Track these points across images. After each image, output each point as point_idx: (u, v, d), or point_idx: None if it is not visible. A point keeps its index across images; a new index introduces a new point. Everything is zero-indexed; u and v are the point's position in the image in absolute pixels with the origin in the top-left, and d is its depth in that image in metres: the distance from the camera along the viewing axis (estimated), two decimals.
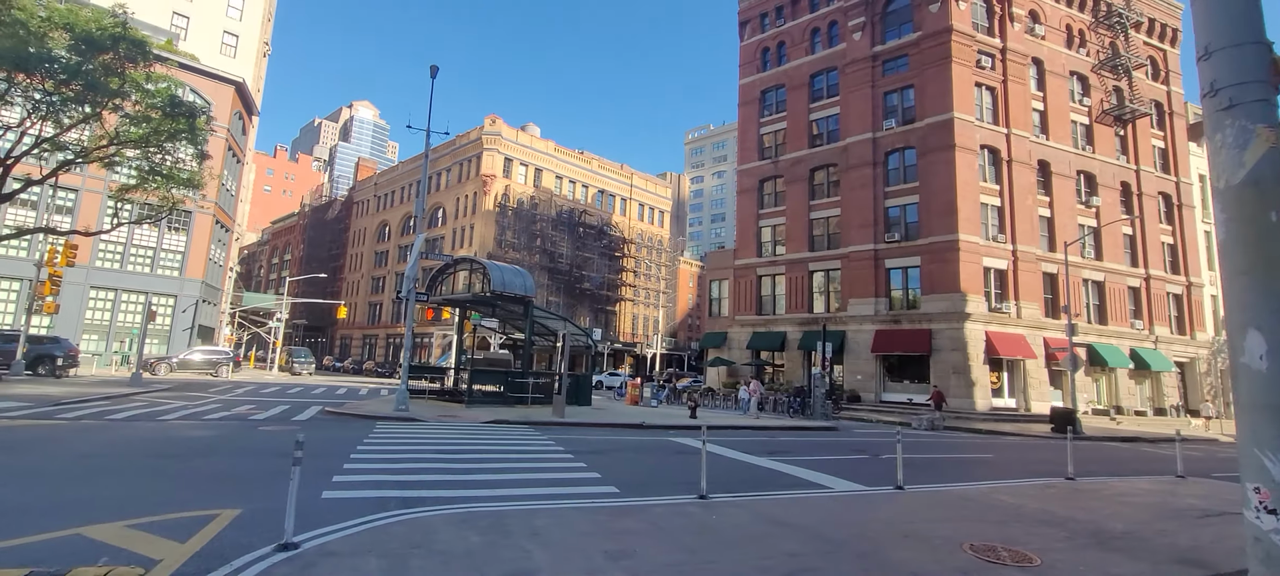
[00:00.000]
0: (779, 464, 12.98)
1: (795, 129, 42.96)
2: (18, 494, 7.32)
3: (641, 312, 76.25)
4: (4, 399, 16.57)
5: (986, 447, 19.72)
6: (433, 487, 8.76)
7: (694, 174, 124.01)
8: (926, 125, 36.22)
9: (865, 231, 37.62)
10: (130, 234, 40.18)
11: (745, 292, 43.32)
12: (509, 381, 24.20)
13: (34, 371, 24.95)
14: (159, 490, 7.88)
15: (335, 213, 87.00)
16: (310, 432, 13.93)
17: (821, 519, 8.14)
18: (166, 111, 20.41)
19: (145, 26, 41.91)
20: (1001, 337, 33.44)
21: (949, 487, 11.13)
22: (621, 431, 18.06)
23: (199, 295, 42.84)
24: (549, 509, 7.83)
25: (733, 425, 21.12)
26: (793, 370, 39.41)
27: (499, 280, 21.55)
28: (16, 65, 17.00)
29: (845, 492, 10.27)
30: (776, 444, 16.90)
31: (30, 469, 8.71)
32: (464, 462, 10.93)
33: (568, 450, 13.11)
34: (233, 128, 45.82)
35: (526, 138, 67.70)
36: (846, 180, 39.26)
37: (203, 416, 15.89)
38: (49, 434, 11.80)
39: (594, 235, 69.76)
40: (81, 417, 14.41)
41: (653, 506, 8.28)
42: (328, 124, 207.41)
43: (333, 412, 18.32)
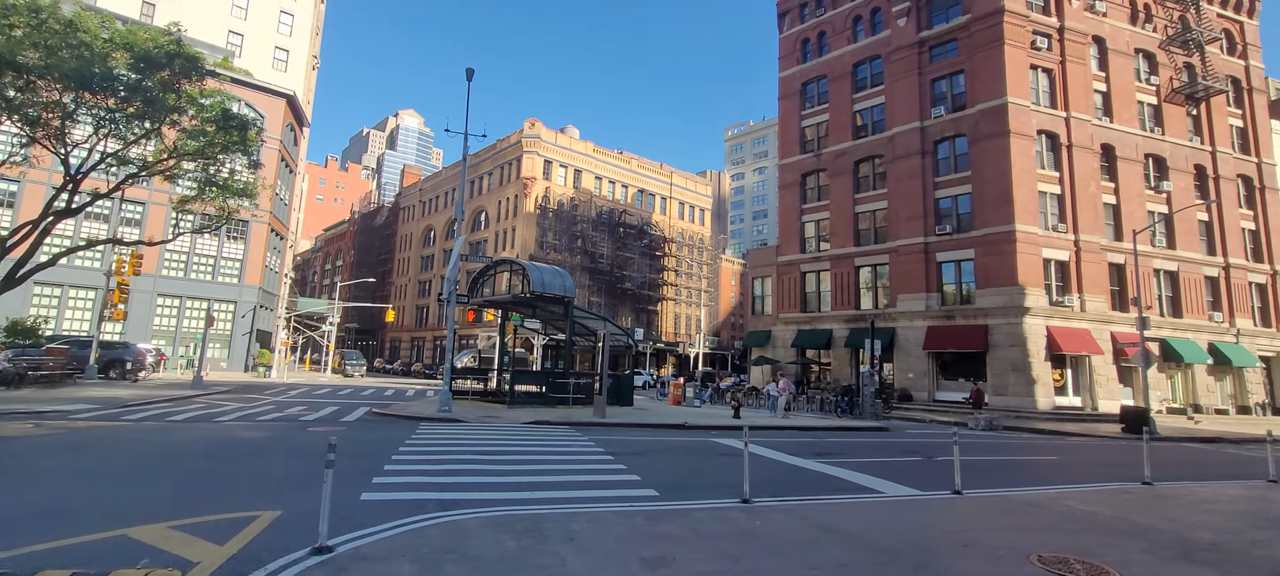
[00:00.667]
0: (826, 466, 12.47)
1: (838, 121, 41.81)
2: (75, 493, 7.54)
3: (683, 312, 75.76)
4: (77, 401, 17.46)
5: (1051, 449, 18.61)
6: (471, 489, 8.67)
7: (734, 171, 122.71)
8: (978, 111, 34.67)
9: (914, 224, 36.28)
10: (193, 244, 42.18)
11: (789, 290, 42.41)
12: (550, 382, 24.23)
13: (105, 375, 26.34)
14: (206, 491, 8.01)
15: (383, 219, 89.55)
16: (355, 433, 14.15)
17: (872, 525, 7.68)
18: (220, 125, 21.19)
19: (202, 45, 43.92)
20: (1064, 332, 31.70)
21: (1012, 492, 10.43)
22: (663, 432, 17.77)
23: (256, 301, 44.61)
24: (586, 512, 7.62)
25: (777, 425, 20.56)
26: (840, 368, 38.36)
27: (538, 281, 21.56)
28: (82, 84, 17.92)
29: (898, 497, 9.73)
30: (824, 445, 16.32)
31: (90, 469, 9.02)
32: (503, 464, 10.84)
33: (607, 451, 12.90)
34: (285, 139, 47.57)
35: (566, 139, 68.14)
36: (893, 171, 37.96)
37: (256, 418, 16.36)
38: (112, 435, 12.28)
39: (634, 235, 69.66)
40: (144, 420, 15.01)
41: (693, 510, 7.97)
42: (375, 133, 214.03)
43: (379, 414, 18.63)
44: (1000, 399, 31.21)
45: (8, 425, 12.96)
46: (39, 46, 17.92)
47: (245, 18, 50.61)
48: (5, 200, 35.52)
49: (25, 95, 18.31)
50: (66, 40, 17.85)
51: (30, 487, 7.75)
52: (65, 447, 10.59)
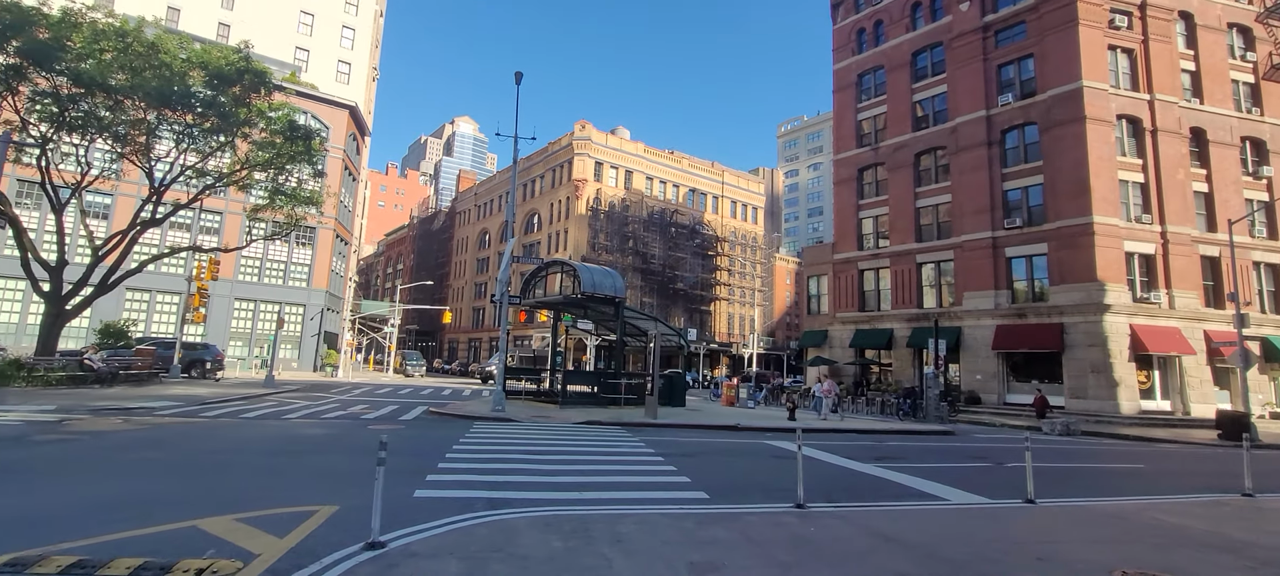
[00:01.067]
0: (887, 471, 11.93)
1: (896, 112, 40.32)
2: (155, 485, 7.97)
3: (737, 312, 74.87)
4: (161, 398, 18.66)
5: (1135, 456, 17.30)
6: (520, 489, 8.70)
7: (788, 167, 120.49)
8: (1050, 97, 32.72)
9: (981, 218, 34.56)
10: (265, 250, 44.59)
11: (846, 288, 41.20)
12: (601, 382, 24.29)
13: (188, 374, 28.12)
14: (271, 485, 8.33)
15: (440, 223, 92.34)
16: (412, 432, 14.52)
17: (936, 534, 7.25)
18: (286, 136, 22.25)
19: (272, 61, 46.33)
20: (1150, 331, 29.51)
21: (1092, 502, 9.69)
22: (715, 433, 17.50)
23: (323, 304, 46.76)
24: (635, 514, 7.50)
25: (833, 428, 19.92)
26: (901, 369, 36.96)
27: (589, 282, 21.64)
28: (163, 102, 19.19)
29: (964, 505, 9.18)
30: (884, 449, 15.68)
31: (170, 463, 9.54)
32: (553, 464, 10.86)
33: (658, 453, 12.76)
34: (348, 148, 49.67)
35: (616, 140, 68.49)
36: (957, 163, 36.29)
37: (321, 415, 17.04)
38: (190, 430, 13.02)
39: (686, 235, 69.32)
40: (219, 416, 15.87)
41: (744, 514, 7.73)
42: (432, 141, 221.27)
43: (435, 413, 19.10)
44: (1079, 402, 29.34)
45: (101, 420, 13.93)
46: (126, 68, 19.26)
47: (311, 33, 53.17)
48: (100, 212, 38.43)
49: (115, 115, 19.72)
50: (149, 61, 19.15)
51: (116, 479, 8.25)
52: (149, 442, 11.27)
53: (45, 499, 7.00)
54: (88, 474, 8.48)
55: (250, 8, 51.05)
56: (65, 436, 11.42)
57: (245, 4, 51.14)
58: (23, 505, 6.70)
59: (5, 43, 17.41)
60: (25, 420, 13.37)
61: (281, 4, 52.42)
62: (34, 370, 19.76)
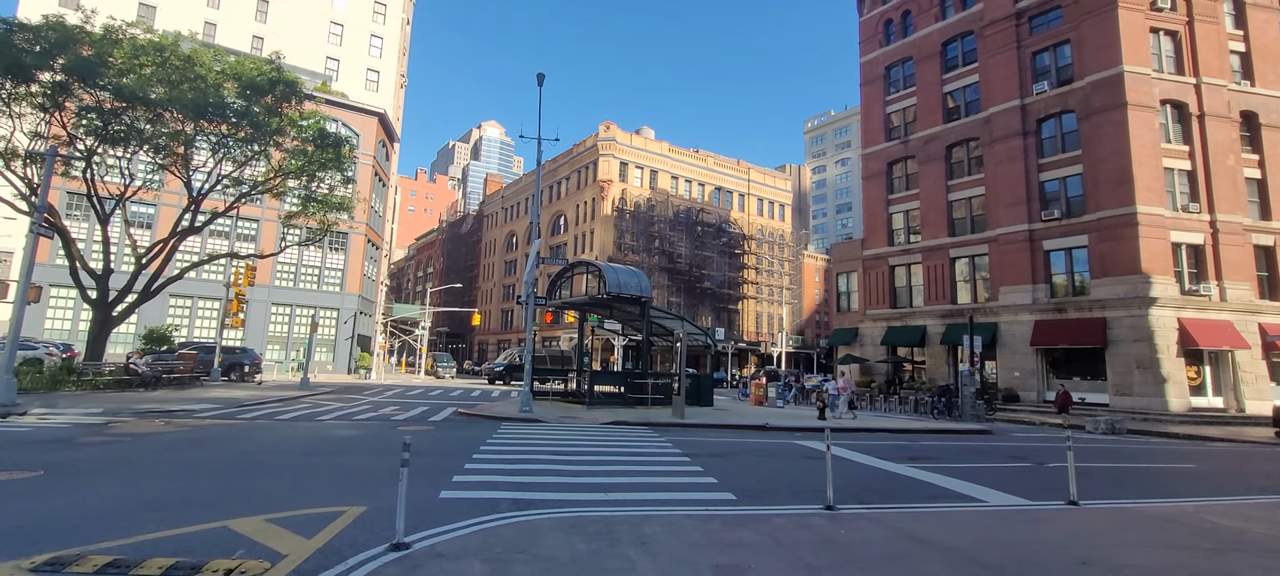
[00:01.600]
0: (921, 471, 11.61)
1: (926, 104, 39.44)
2: (191, 486, 8.15)
3: (765, 310, 74.16)
4: (202, 401, 19.21)
5: (1186, 455, 16.55)
6: (546, 490, 8.67)
7: (815, 164, 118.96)
8: (1088, 84, 31.63)
9: (1016, 210, 33.59)
10: (300, 256, 45.67)
11: (877, 285, 40.44)
12: (628, 382, 24.24)
13: (227, 377, 28.94)
14: (301, 486, 8.45)
15: (468, 226, 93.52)
16: (440, 433, 14.65)
17: (974, 538, 6.98)
18: (317, 143, 22.72)
19: (304, 72, 47.45)
20: (1200, 325, 28.28)
21: (1140, 504, 9.25)
22: (743, 433, 17.28)
23: (356, 307, 47.69)
24: (660, 515, 7.39)
25: (865, 427, 19.51)
26: (935, 367, 36.14)
27: (614, 282, 21.60)
28: (199, 113, 19.78)
29: (1003, 507, 8.85)
30: (918, 449, 15.28)
31: (206, 464, 9.77)
32: (579, 464, 10.83)
33: (685, 453, 12.63)
34: (378, 155, 50.58)
35: (641, 140, 68.44)
36: (991, 155, 35.34)
37: (353, 417, 17.33)
38: (228, 432, 13.34)
39: (712, 233, 68.93)
40: (256, 418, 16.25)
41: (772, 516, 7.56)
42: (460, 145, 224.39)
43: (464, 414, 19.27)
44: (1124, 400, 28.28)
45: (144, 422, 14.37)
46: (164, 82, 19.89)
47: (341, 43, 54.33)
48: (145, 222, 39.81)
49: (155, 127, 20.39)
50: (185, 75, 19.76)
51: (155, 479, 8.46)
52: (189, 443, 11.57)
53: (87, 499, 7.21)
54: (129, 475, 8.72)
55: (283, 21, 52.39)
56: (109, 438, 11.80)
57: (278, 17, 52.51)
58: (66, 505, 6.90)
59: (51, 60, 18.16)
60: (74, 422, 13.87)
61: (313, 16, 53.69)
62: (83, 374, 20.53)
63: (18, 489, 7.52)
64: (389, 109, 54.05)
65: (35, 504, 6.92)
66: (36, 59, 17.63)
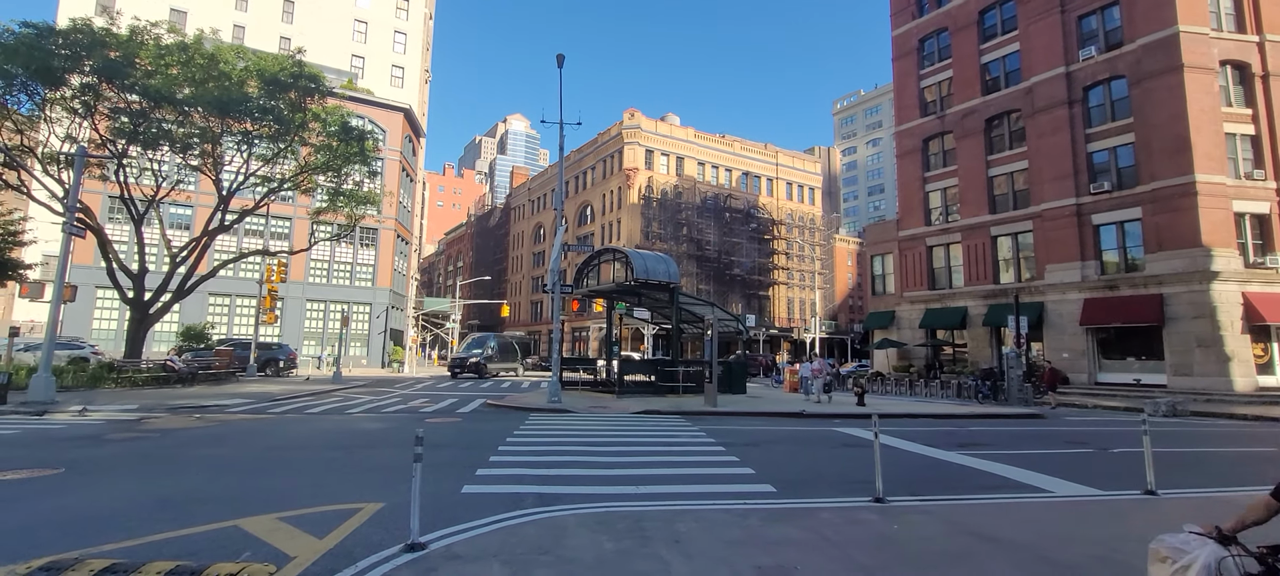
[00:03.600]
0: (973, 459, 10.84)
1: (963, 76, 37.76)
2: (209, 483, 7.92)
3: (796, 296, 72.83)
4: (235, 396, 19.35)
5: (1259, 438, 15.33)
6: (573, 483, 8.21)
7: (845, 145, 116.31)
8: (1140, 47, 29.75)
9: (1063, 183, 31.92)
10: (332, 253, 46.28)
11: (914, 266, 39.07)
12: (659, 371, 23.73)
13: (263, 373, 29.34)
14: (321, 482, 8.15)
15: (496, 220, 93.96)
16: (467, 425, 14.36)
17: (1043, 533, 6.29)
18: (340, 138, 22.64)
19: (330, 70, 47.81)
20: (1267, 299, 26.47)
21: (1226, 493, 8.39)
22: (779, 421, 16.63)
23: (388, 302, 48.17)
24: (694, 510, 6.87)
25: (910, 413, 18.64)
26: (977, 350, 34.75)
27: (642, 268, 21.07)
28: (223, 111, 19.82)
29: (1070, 497, 8.08)
30: (967, 434, 14.43)
31: (227, 459, 9.57)
32: (608, 456, 10.36)
33: (719, 442, 12.07)
34: (404, 150, 50.85)
35: (666, 127, 67.57)
36: (1034, 126, 33.64)
37: (381, 410, 17.20)
38: (256, 427, 13.25)
39: (741, 219, 67.83)
40: (286, 412, 16.22)
41: (817, 510, 6.97)
42: (486, 140, 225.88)
43: (492, 405, 19.02)
44: (1183, 380, 26.69)
45: (176, 418, 14.41)
46: (190, 82, 19.97)
47: (365, 41, 54.68)
48: (183, 223, 40.69)
49: (181, 129, 20.52)
50: (210, 73, 19.79)
51: (174, 476, 8.26)
52: (214, 439, 11.46)
53: (102, 497, 7.00)
54: (149, 471, 8.55)
55: (309, 21, 52.93)
56: (138, 434, 11.77)
57: (304, 18, 53.07)
58: (79, 504, 6.70)
59: (80, 63, 18.34)
60: (108, 419, 13.97)
61: (337, 16, 54.13)
62: (123, 372, 20.91)
63: (36, 487, 7.36)
64: (414, 104, 54.28)
65: (49, 502, 6.73)
66: (66, 62, 17.82)
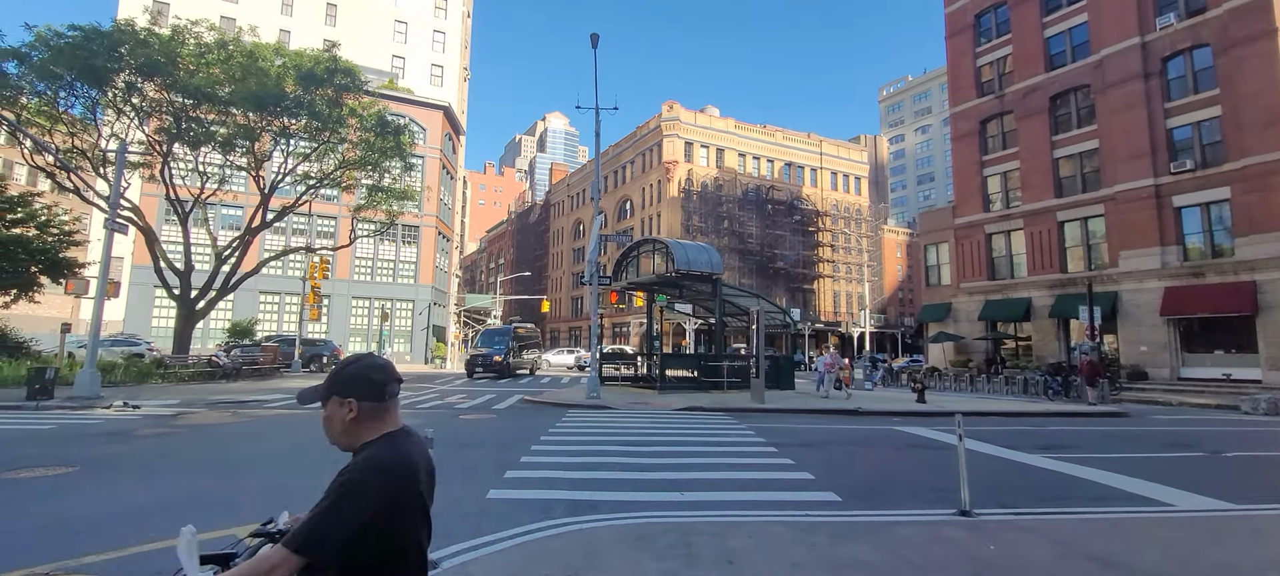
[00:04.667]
0: (1063, 463, 9.55)
1: (1025, 52, 35.38)
2: (221, 484, 7.40)
3: (843, 289, 70.53)
4: (276, 392, 19.32)
5: None
6: (609, 488, 7.38)
7: (892, 133, 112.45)
8: (1226, 12, 27.12)
9: (1139, 163, 29.46)
10: (376, 251, 46.84)
11: (971, 255, 36.90)
12: (702, 365, 22.76)
13: (307, 368, 29.63)
14: None
15: (536, 216, 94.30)
16: (502, 421, 13.73)
17: (1174, 558, 5.13)
18: (377, 131, 22.43)
19: (372, 71, 48.32)
20: None
21: None
22: (832, 419, 15.46)
23: (430, 299, 48.51)
24: (749, 522, 5.94)
25: (977, 411, 17.15)
26: (1043, 343, 32.52)
27: (682, 258, 20.14)
28: (259, 106, 19.78)
29: (1198, 512, 6.81)
30: (1047, 435, 13.01)
31: (248, 457, 9.11)
32: (649, 456, 9.50)
33: (770, 442, 11.07)
34: (444, 148, 51.10)
35: (705, 118, 66.23)
36: (1105, 102, 31.18)
37: (416, 406, 16.77)
38: (288, 423, 12.91)
39: (784, 211, 65.99)
40: None
41: (892, 525, 5.95)
42: (526, 138, 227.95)
43: (529, 401, 18.42)
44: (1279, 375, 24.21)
45: (213, 414, 14.25)
46: (230, 79, 20.01)
47: (406, 41, 55.21)
48: (234, 224, 41.69)
49: (222, 129, 20.62)
50: (248, 70, 19.77)
51: (188, 477, 7.80)
52: (243, 435, 11.10)
53: (103, 500, 6.53)
54: (165, 470, 8.12)
55: (351, 24, 53.71)
56: (170, 430, 11.52)
57: (347, 21, 53.89)
58: (79, 507, 6.23)
59: (122, 62, 18.50)
60: (147, 414, 13.88)
61: (378, 16, 54.80)
62: (169, 368, 21.19)
63: (40, 488, 6.95)
64: (453, 102, 54.54)
65: (48, 505, 6.27)
66: (109, 62, 18.02)
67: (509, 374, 29.60)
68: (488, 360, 29.01)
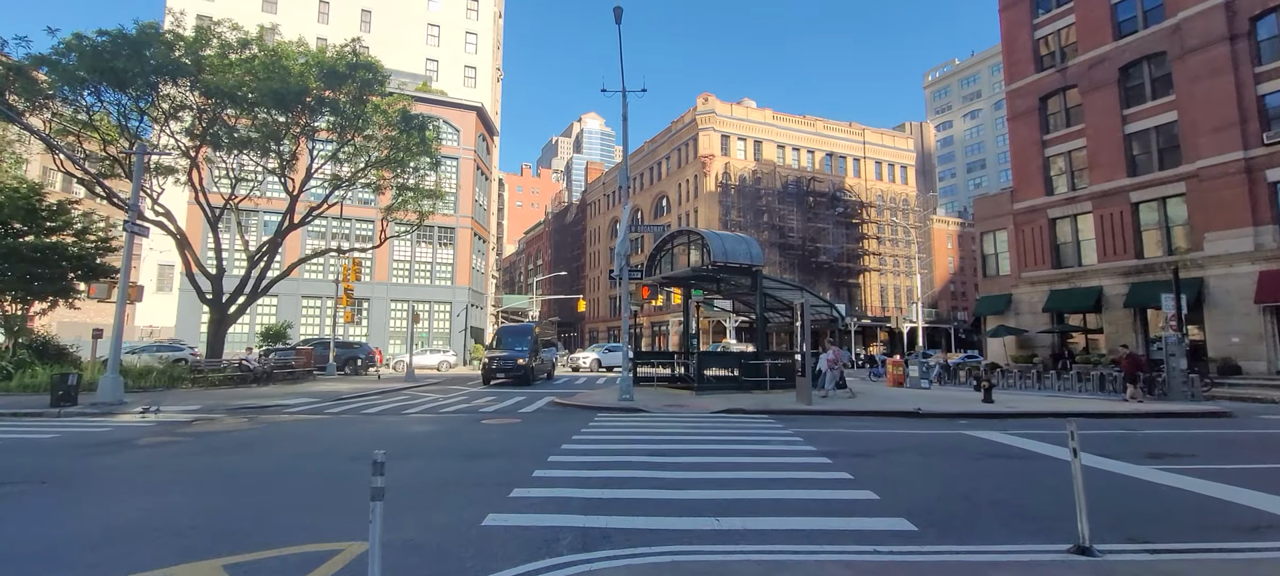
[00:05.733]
0: (1179, 477, 7.88)
1: (1089, 20, 32.63)
2: (184, 505, 6.52)
3: (890, 283, 67.63)
4: (302, 395, 18.81)
5: None
6: (631, 511, 6.18)
7: (939, 120, 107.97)
8: None
9: (1225, 135, 26.64)
10: (413, 254, 46.89)
11: (1033, 242, 34.31)
12: (743, 364, 21.37)
13: (342, 371, 29.41)
14: (316, 506, 6.58)
15: (572, 216, 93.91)
16: (525, 427, 12.70)
17: None
18: (401, 128, 21.82)
19: (406, 75, 48.41)
20: None
21: None
22: (890, 422, 13.91)
23: (467, 300, 48.30)
24: (803, 561, 4.66)
25: (1053, 411, 15.26)
26: (1117, 336, 29.83)
27: (720, 250, 18.80)
28: (281, 104, 19.36)
29: None
30: (1145, 441, 11.21)
31: (233, 471, 8.25)
32: (681, 469, 8.26)
33: (821, 450, 9.68)
34: (478, 149, 50.82)
35: (742, 110, 64.40)
36: (1184, 70, 28.37)
37: (440, 410, 15.93)
38: (297, 430, 12.17)
39: (826, 203, 63.64)
40: (342, 413, 15.24)
41: (989, 568, 4.57)
42: (562, 139, 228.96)
43: (559, 403, 17.40)
44: None
45: (227, 419, 13.67)
46: (253, 77, 19.64)
47: (438, 44, 55.29)
48: (270, 228, 42.24)
49: (252, 132, 20.29)
50: (271, 69, 19.37)
51: (157, 495, 6.96)
52: (242, 444, 10.35)
53: (47, 526, 5.67)
54: (135, 488, 7.31)
55: (385, 28, 54.09)
56: (173, 438, 10.88)
57: (380, 26, 54.29)
58: (13, 535, 5.38)
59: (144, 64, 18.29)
60: (163, 420, 13.39)
61: (411, 20, 55.05)
62: (201, 372, 21.02)
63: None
64: (487, 103, 54.30)
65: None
66: (128, 64, 17.83)
67: (531, 381, 25.42)
68: (508, 364, 24.78)
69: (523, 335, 27.12)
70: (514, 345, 26.01)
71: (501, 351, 25.74)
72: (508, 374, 24.70)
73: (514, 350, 25.42)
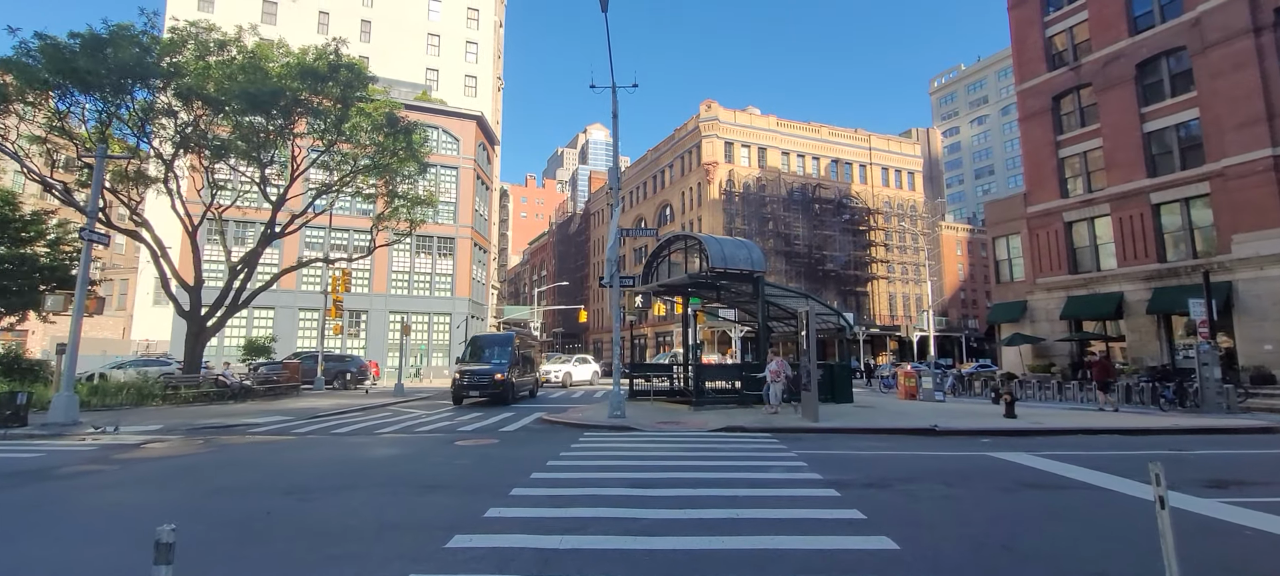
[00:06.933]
0: (1257, 515, 6.62)
1: (1103, 15, 31.43)
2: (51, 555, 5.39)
3: (898, 291, 66.17)
4: (277, 413, 17.73)
5: None
6: (596, 563, 5.00)
7: (946, 126, 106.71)
8: None
9: (1252, 131, 25.33)
10: (412, 264, 45.98)
11: (1049, 247, 32.96)
12: (744, 376, 20.14)
13: (331, 385, 28.36)
14: (212, 558, 5.43)
15: (576, 227, 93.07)
16: (501, 449, 11.54)
17: None
18: (386, 132, 20.88)
19: (406, 84, 47.76)
20: None
21: None
22: (904, 441, 12.65)
23: (467, 311, 47.30)
24: None
25: (1083, 427, 13.95)
26: (1141, 344, 28.42)
27: (718, 255, 17.67)
28: (253, 105, 18.46)
29: None
30: (1197, 463, 9.91)
31: (144, 510, 7.10)
32: (664, 504, 7.08)
33: (828, 479, 8.47)
34: (479, 158, 50.02)
35: (746, 117, 63.42)
36: (1206, 64, 27.10)
37: (415, 430, 14.79)
38: (248, 454, 11.06)
39: (832, 210, 62.41)
40: (309, 433, 14.14)
41: None
42: (568, 151, 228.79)
43: (546, 420, 16.25)
44: None
45: (177, 442, 12.61)
46: (227, 77, 18.76)
47: (439, 54, 54.70)
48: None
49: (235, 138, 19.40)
50: (249, 72, 18.50)
51: (32, 542, 5.84)
52: (167, 475, 9.22)
53: None
54: (12, 535, 6.20)
55: (385, 39, 53.59)
56: (100, 467, 9.78)
57: (380, 36, 53.79)
58: None
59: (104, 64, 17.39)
60: (108, 444, 12.33)
61: (411, 30, 54.52)
62: (174, 388, 20.01)
63: None
64: (487, 112, 53.59)
65: None
66: (90, 63, 16.95)
67: (511, 399, 21.78)
68: (482, 380, 20.96)
69: (503, 345, 23.14)
70: (490, 357, 22.27)
71: (474, 364, 22.02)
72: (482, 391, 21.12)
73: (491, 363, 21.74)
